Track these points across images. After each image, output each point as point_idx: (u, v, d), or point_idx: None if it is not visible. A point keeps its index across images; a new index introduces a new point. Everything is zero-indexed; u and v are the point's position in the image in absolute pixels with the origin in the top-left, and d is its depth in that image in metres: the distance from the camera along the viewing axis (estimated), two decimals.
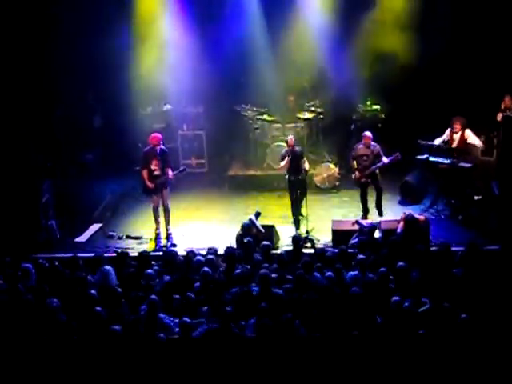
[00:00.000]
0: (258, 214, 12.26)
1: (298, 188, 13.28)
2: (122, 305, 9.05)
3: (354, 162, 13.34)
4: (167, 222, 13.10)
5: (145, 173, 12.81)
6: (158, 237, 13.02)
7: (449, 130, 13.62)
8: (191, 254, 10.64)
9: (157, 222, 13.04)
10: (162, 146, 12.85)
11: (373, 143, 13.16)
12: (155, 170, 12.77)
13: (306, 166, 13.19)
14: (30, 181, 12.85)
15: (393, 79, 14.91)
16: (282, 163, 13.21)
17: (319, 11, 15.44)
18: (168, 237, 13.01)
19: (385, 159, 13.00)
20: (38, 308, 8.81)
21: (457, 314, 8.09)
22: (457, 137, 13.50)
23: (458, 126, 13.44)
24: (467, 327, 7.82)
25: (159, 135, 12.95)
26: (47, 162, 13.43)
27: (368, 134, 13.22)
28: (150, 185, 12.80)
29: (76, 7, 14.40)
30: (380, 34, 15.01)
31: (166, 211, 13.06)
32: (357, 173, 13.28)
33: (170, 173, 12.82)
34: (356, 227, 11.77)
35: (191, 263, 10.21)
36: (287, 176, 13.28)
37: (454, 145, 13.51)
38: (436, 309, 8.24)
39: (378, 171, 13.17)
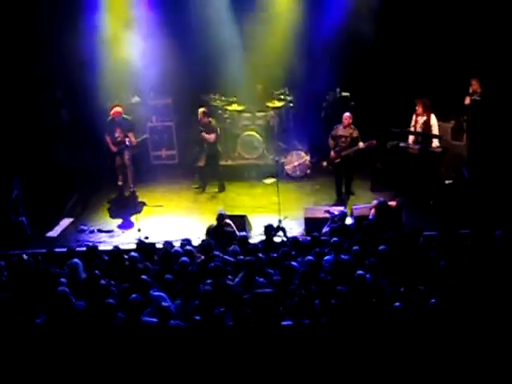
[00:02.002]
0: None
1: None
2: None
3: (331, 142, 13.51)
4: (131, 181, 14.38)
5: (108, 139, 14.26)
6: (121, 189, 14.49)
7: (414, 116, 13.70)
8: (168, 245, 10.62)
9: (119, 177, 14.43)
10: (123, 115, 14.29)
11: (352, 126, 13.33)
12: (118, 136, 14.17)
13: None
14: None
15: (362, 66, 14.97)
16: (210, 136, 14.47)
17: None
18: (132, 194, 14.38)
19: (361, 144, 13.13)
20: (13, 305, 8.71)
21: (428, 298, 8.15)
22: (421, 120, 13.50)
23: (419, 109, 13.48)
24: (436, 312, 7.88)
25: (119, 108, 14.29)
26: (15, 158, 13.26)
27: (347, 114, 13.42)
28: (114, 148, 14.26)
29: (45, 3, 14.21)
30: (351, 22, 14.97)
31: (129, 169, 14.40)
32: (332, 152, 13.45)
33: (133, 139, 14.40)
34: (327, 215, 11.79)
35: (169, 254, 10.15)
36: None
37: (418, 128, 13.54)
38: (409, 292, 8.28)
39: (352, 156, 13.29)
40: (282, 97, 15.87)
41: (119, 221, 13.71)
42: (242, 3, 15.15)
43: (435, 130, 13.46)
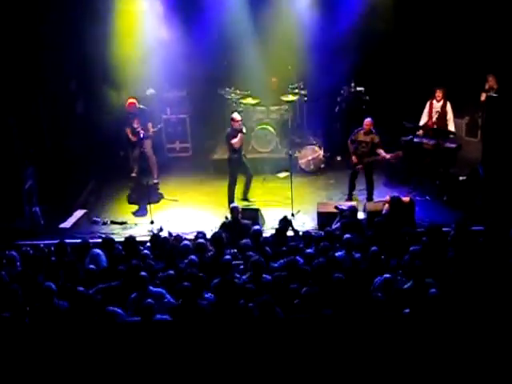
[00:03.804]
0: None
1: (242, 166, 13.63)
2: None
3: (352, 146, 13.30)
4: (155, 172, 14.68)
5: (128, 130, 14.24)
6: (135, 180, 14.55)
7: (428, 102, 13.69)
8: (178, 238, 10.64)
9: (134, 169, 14.49)
10: (140, 106, 14.38)
11: (373, 131, 13.12)
12: (137, 127, 14.13)
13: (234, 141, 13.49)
14: (12, 167, 12.72)
15: (378, 60, 14.92)
16: (236, 140, 13.43)
17: None
18: (154, 186, 14.51)
19: (384, 153, 13.03)
20: (24, 295, 8.75)
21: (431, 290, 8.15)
22: (438, 106, 13.63)
23: (440, 95, 13.72)
24: (438, 303, 7.87)
25: (134, 100, 14.30)
26: (29, 149, 13.30)
27: (369, 119, 13.13)
28: (133, 138, 14.22)
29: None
30: (365, 16, 14.92)
31: (151, 160, 14.63)
32: (354, 157, 13.24)
33: (151, 128, 14.49)
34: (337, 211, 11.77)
35: (178, 248, 10.17)
36: (230, 155, 13.58)
37: (435, 111, 13.71)
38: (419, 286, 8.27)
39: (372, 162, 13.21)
40: (297, 91, 15.82)
41: (133, 212, 13.74)
42: None
43: (451, 116, 13.69)
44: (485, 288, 8.27)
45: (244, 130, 13.53)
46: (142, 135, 14.06)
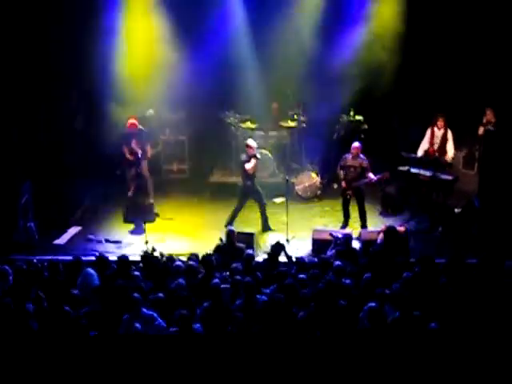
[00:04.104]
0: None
1: (253, 193, 13.51)
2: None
3: (341, 172, 13.35)
4: (151, 193, 14.65)
5: (126, 149, 14.29)
6: (131, 200, 14.40)
7: (429, 129, 13.76)
8: (170, 259, 10.62)
9: (130, 188, 14.42)
10: (139, 127, 14.42)
11: (361, 155, 13.17)
12: (135, 147, 14.23)
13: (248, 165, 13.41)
14: (9, 181, 12.73)
15: (376, 90, 15.00)
16: (250, 165, 13.31)
17: (304, 20, 15.49)
18: (150, 206, 14.39)
19: (372, 176, 13.04)
20: (15, 311, 8.71)
21: (426, 323, 8.11)
22: (439, 134, 13.70)
23: (441, 123, 13.76)
24: (437, 336, 7.81)
25: (135, 121, 14.35)
26: (27, 163, 13.32)
27: (356, 144, 13.22)
28: (131, 157, 14.29)
29: (64, 13, 14.34)
30: (364, 46, 15.07)
31: (149, 181, 14.66)
32: (343, 183, 13.30)
33: (149, 151, 14.58)
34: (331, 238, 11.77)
35: (170, 269, 10.15)
36: (244, 182, 13.52)
37: (436, 141, 13.77)
38: (406, 318, 8.24)
39: (363, 186, 13.20)
40: (296, 117, 15.90)
41: (127, 232, 13.73)
42: (262, 22, 15.22)
43: (451, 144, 13.78)
44: (479, 320, 8.25)
45: (258, 156, 13.48)
46: (139, 155, 14.12)
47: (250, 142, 13.53)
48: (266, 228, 13.60)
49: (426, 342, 7.55)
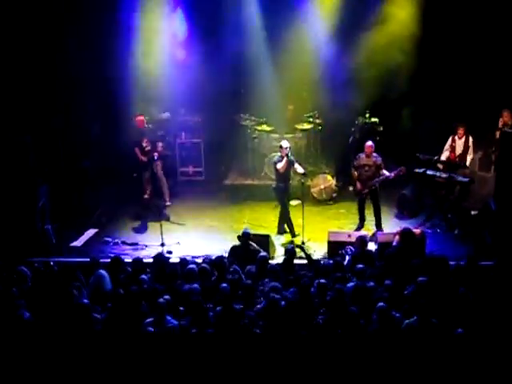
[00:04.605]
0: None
1: (286, 195, 13.41)
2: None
3: (355, 173, 13.34)
4: (167, 195, 14.76)
5: (137, 150, 14.35)
6: (147, 202, 14.59)
7: (451, 137, 13.74)
8: (184, 261, 10.65)
9: (146, 190, 14.57)
10: (148, 126, 14.65)
11: (374, 154, 13.18)
12: (146, 146, 14.32)
13: (300, 170, 13.25)
14: (27, 185, 12.83)
15: (392, 93, 14.97)
16: (280, 165, 13.22)
17: (320, 23, 15.48)
18: (166, 208, 14.61)
19: (388, 173, 13.04)
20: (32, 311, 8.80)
21: (449, 329, 8.08)
22: (460, 142, 13.75)
23: (461, 132, 13.78)
24: (462, 342, 7.79)
25: (142, 117, 14.51)
26: (44, 167, 13.42)
27: (369, 143, 13.23)
28: (144, 158, 14.33)
29: (81, 19, 14.45)
30: (380, 48, 15.03)
31: (161, 181, 14.74)
32: (358, 184, 13.28)
33: (160, 149, 14.44)
34: (352, 239, 11.72)
35: (183, 271, 10.18)
36: (276, 183, 13.38)
37: (458, 151, 13.79)
38: (424, 323, 8.23)
39: (378, 185, 13.18)
40: (311, 119, 15.92)
41: (144, 234, 13.79)
42: (277, 26, 15.29)
43: (471, 152, 13.82)
44: (494, 324, 8.23)
45: (290, 155, 13.35)
46: (153, 156, 14.15)
47: (283, 143, 13.41)
48: (280, 230, 13.60)
49: (446, 347, 7.57)
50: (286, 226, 13.50)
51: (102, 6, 14.42)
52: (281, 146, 13.31)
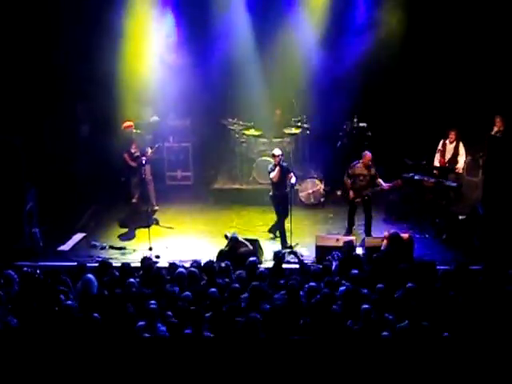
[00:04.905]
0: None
1: (279, 203, 13.25)
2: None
3: (349, 180, 13.24)
4: (153, 198, 14.58)
5: (126, 155, 14.26)
6: (135, 206, 14.47)
7: (441, 142, 13.78)
8: (173, 265, 10.62)
9: (134, 195, 14.42)
10: (137, 131, 14.42)
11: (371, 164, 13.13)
12: (135, 151, 14.25)
13: (293, 180, 13.17)
14: (14, 188, 12.77)
15: (381, 97, 15.03)
16: (273, 174, 13.15)
17: (308, 27, 15.52)
18: (152, 212, 14.50)
19: (383, 184, 13.03)
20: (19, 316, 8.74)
21: (438, 332, 8.10)
22: (451, 147, 13.80)
23: (452, 136, 13.87)
24: (450, 345, 7.80)
25: (130, 123, 14.33)
26: (32, 171, 13.36)
27: (369, 154, 13.08)
28: (133, 164, 14.25)
29: (71, 20, 14.47)
30: (368, 53, 15.09)
31: (149, 186, 14.52)
32: (351, 192, 13.20)
33: (149, 150, 14.23)
34: (340, 243, 11.73)
35: (173, 275, 10.15)
36: (272, 191, 13.27)
37: (448, 155, 13.88)
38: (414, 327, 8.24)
39: (370, 194, 13.17)
40: (299, 124, 15.93)
41: (132, 238, 13.75)
42: (265, 30, 15.33)
43: (462, 157, 13.98)
44: (483, 327, 8.25)
45: (281, 163, 13.19)
46: (142, 161, 13.99)
47: (275, 151, 13.31)
48: (272, 231, 13.60)
49: (435, 351, 7.58)
50: (278, 232, 13.43)
51: (91, 8, 14.44)
52: (273, 155, 13.27)
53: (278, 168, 13.04)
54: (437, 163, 14.13)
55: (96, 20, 14.48)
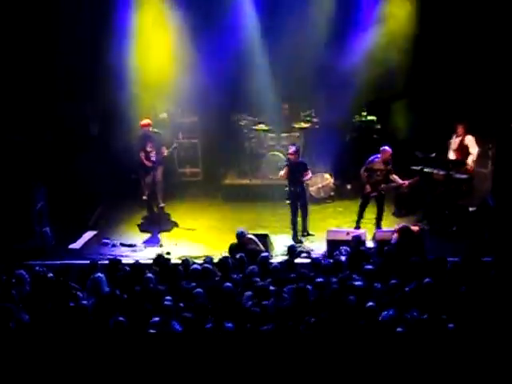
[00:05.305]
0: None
1: (297, 199, 13.24)
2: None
3: (365, 174, 13.17)
4: (160, 197, 14.38)
5: (142, 154, 14.09)
6: (147, 203, 14.48)
7: (453, 137, 13.75)
8: (186, 262, 10.64)
9: (146, 192, 14.31)
10: (154, 130, 14.26)
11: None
12: (151, 151, 14.09)
13: (306, 177, 13.15)
14: (24, 187, 12.82)
15: (390, 91, 14.99)
16: (282, 172, 13.22)
17: (316, 22, 15.47)
18: (161, 210, 14.41)
19: (400, 180, 13.02)
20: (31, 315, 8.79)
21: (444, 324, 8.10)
22: (458, 140, 13.64)
23: (460, 131, 13.64)
24: (455, 337, 7.80)
25: (148, 120, 14.29)
26: (42, 169, 13.41)
27: (388, 149, 13.00)
28: (149, 163, 14.08)
29: (76, 18, 14.45)
30: (377, 47, 15.05)
31: (159, 185, 14.39)
32: (368, 186, 13.12)
33: (165, 150, 14.22)
34: (351, 238, 11.72)
35: (187, 271, 10.18)
36: (287, 187, 13.26)
37: (453, 147, 13.69)
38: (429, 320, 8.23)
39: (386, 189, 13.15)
40: (308, 118, 15.91)
41: (143, 235, 13.80)
42: (273, 26, 15.25)
43: (472, 150, 13.64)
44: (493, 318, 8.23)
45: (286, 162, 13.36)
46: (156, 161, 14.04)
47: (289, 148, 13.46)
48: (302, 231, 13.52)
49: (442, 343, 7.56)
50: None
51: (97, 5, 14.50)
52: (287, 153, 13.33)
53: (286, 167, 13.11)
54: (451, 156, 13.95)
55: (103, 16, 14.51)
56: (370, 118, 15.67)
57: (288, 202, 13.51)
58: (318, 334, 8.12)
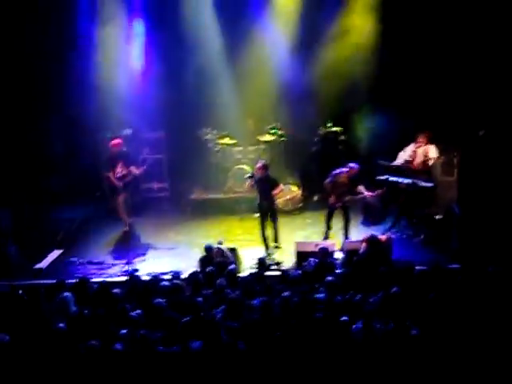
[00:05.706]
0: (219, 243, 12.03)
1: (266, 213, 13.22)
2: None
3: (330, 186, 13.13)
4: (128, 213, 13.99)
5: (111, 175, 13.58)
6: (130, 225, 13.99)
7: (412, 145, 13.73)
8: (155, 278, 10.55)
9: (124, 217, 13.91)
10: (123, 148, 13.81)
11: None
12: (121, 171, 13.67)
13: (276, 191, 13.18)
14: None
15: (354, 102, 15.08)
16: (246, 185, 13.30)
17: (279, 35, 15.58)
18: (131, 226, 13.98)
19: (366, 192, 13.03)
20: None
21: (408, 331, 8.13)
22: (420, 152, 13.63)
23: (422, 140, 13.63)
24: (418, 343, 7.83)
25: (120, 140, 13.89)
26: (5, 188, 13.26)
27: (356, 166, 12.98)
28: (120, 184, 13.63)
29: (45, 31, 14.43)
30: (341, 59, 15.16)
31: (128, 203, 13.98)
32: (332, 197, 13.12)
33: (136, 170, 13.80)
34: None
35: (156, 288, 10.08)
36: (258, 199, 13.26)
37: (417, 160, 13.65)
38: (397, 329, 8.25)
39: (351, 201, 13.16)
40: (274, 131, 15.95)
41: (109, 253, 13.64)
42: (236, 40, 15.37)
43: (432, 159, 13.64)
44: (462, 326, 8.27)
45: (249, 175, 13.29)
46: (126, 182, 13.76)
47: (257, 163, 13.42)
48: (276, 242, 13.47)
49: (408, 350, 7.59)
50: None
51: (63, 19, 14.50)
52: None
53: (248, 182, 13.11)
54: (400, 161, 13.90)
55: (69, 30, 14.57)
56: (334, 129, 15.73)
57: (257, 215, 13.48)
58: (284, 348, 8.08)
